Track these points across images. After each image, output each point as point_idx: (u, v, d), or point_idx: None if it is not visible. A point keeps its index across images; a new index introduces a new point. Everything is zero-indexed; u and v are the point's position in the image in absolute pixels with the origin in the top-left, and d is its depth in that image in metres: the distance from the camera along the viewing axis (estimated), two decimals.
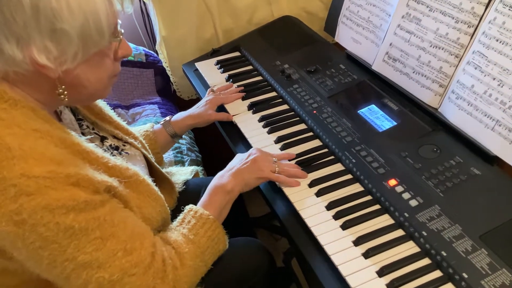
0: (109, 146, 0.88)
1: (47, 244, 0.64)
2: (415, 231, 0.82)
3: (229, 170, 0.97)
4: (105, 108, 0.94)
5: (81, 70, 0.70)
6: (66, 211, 0.64)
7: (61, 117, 0.82)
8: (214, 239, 0.86)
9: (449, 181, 0.89)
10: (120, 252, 0.70)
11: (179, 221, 0.88)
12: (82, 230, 0.66)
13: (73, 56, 0.66)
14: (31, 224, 0.62)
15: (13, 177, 0.61)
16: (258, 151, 1.00)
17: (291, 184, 0.97)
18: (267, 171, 0.96)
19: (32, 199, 0.61)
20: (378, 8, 1.23)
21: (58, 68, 0.66)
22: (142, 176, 0.82)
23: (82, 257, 0.66)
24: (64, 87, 0.71)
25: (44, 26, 0.62)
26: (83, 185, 0.66)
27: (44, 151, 0.64)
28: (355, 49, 1.31)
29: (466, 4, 0.99)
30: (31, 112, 0.68)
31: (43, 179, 0.62)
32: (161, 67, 1.78)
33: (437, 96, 1.06)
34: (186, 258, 0.80)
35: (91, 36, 0.66)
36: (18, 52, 0.63)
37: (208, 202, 0.91)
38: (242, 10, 1.59)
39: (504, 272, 0.73)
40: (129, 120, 1.67)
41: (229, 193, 0.93)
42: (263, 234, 1.80)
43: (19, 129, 0.64)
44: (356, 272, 0.79)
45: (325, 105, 1.17)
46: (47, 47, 0.64)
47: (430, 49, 1.07)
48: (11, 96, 0.66)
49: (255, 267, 0.99)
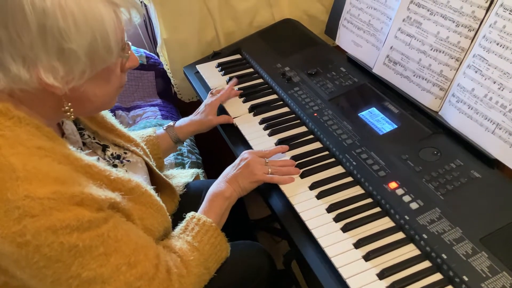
0: (110, 155, 0.88)
1: (51, 263, 0.63)
2: (416, 233, 0.82)
3: (224, 177, 0.98)
4: (107, 116, 0.93)
5: (88, 86, 0.69)
6: (70, 231, 0.63)
7: (63, 127, 0.81)
8: (217, 246, 0.87)
9: (449, 184, 0.89)
10: (124, 266, 0.69)
11: (182, 229, 0.88)
12: (86, 248, 0.65)
13: (81, 74, 0.66)
14: (35, 245, 0.61)
15: (17, 199, 0.59)
16: (250, 154, 1.01)
17: (285, 182, 0.98)
18: (260, 174, 0.97)
19: (36, 220, 0.60)
20: (379, 11, 1.23)
21: (65, 87, 0.65)
22: (144, 187, 0.81)
23: (87, 273, 0.65)
24: (71, 104, 0.70)
25: (51, 46, 0.62)
26: (87, 204, 0.65)
27: (48, 170, 0.63)
28: (356, 52, 1.32)
29: (466, 8, 1.00)
30: (35, 129, 0.67)
31: (47, 200, 0.61)
32: (162, 69, 1.78)
33: (437, 99, 1.06)
34: (192, 265, 0.81)
35: (99, 53, 0.66)
36: (25, 71, 0.62)
37: (208, 209, 0.92)
38: (243, 13, 1.60)
39: (505, 275, 0.73)
40: (129, 122, 1.68)
41: (228, 199, 0.94)
42: (263, 236, 1.80)
43: (23, 148, 0.63)
44: (357, 274, 0.79)
45: (325, 107, 1.17)
46: (54, 67, 0.63)
47: (430, 53, 1.07)
48: (15, 114, 0.65)
49: (256, 270, 0.99)
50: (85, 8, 0.62)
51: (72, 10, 0.61)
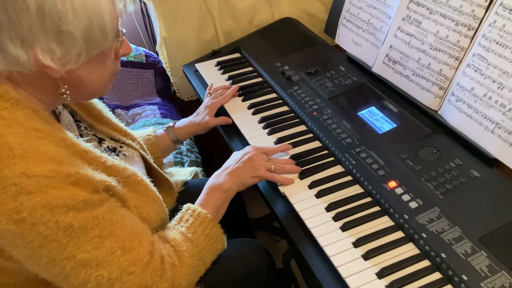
0: (106, 147, 0.89)
1: (46, 242, 0.64)
2: (415, 233, 0.82)
3: (225, 169, 0.98)
4: (104, 110, 0.94)
5: (84, 70, 0.71)
6: (65, 210, 0.64)
7: (60, 118, 0.82)
8: (212, 237, 0.87)
9: (448, 183, 0.89)
10: (119, 250, 0.70)
11: (177, 220, 0.88)
12: (81, 228, 0.66)
13: (77, 56, 0.67)
14: (30, 222, 0.62)
15: (14, 176, 0.61)
16: (253, 149, 1.00)
17: (286, 182, 0.98)
18: (262, 170, 0.97)
19: (32, 197, 0.62)
20: (379, 10, 1.23)
21: (62, 69, 0.67)
22: (140, 176, 0.82)
23: (81, 255, 0.67)
24: (67, 87, 0.71)
25: (49, 28, 0.63)
26: (83, 185, 0.67)
27: (45, 150, 0.65)
28: (355, 51, 1.32)
29: (466, 7, 0.99)
30: (32, 112, 0.68)
31: (43, 178, 0.62)
32: (161, 68, 1.78)
33: (437, 99, 1.06)
34: (184, 256, 0.81)
35: (95, 37, 0.67)
36: (23, 53, 0.64)
37: (205, 201, 0.92)
38: (243, 12, 1.59)
39: (504, 274, 0.73)
40: (128, 120, 1.67)
41: (226, 192, 0.94)
42: (262, 235, 1.80)
43: (21, 128, 0.65)
44: (356, 273, 0.79)
45: (325, 106, 1.17)
46: (51, 48, 0.64)
47: (430, 52, 1.07)
48: (13, 96, 0.66)
49: (255, 268, 0.99)
50: None
51: None
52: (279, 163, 1.00)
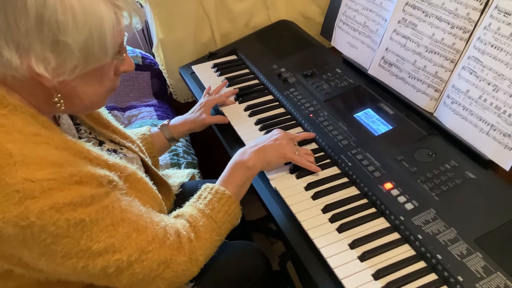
0: (106, 150, 0.88)
1: (58, 239, 0.64)
2: (411, 234, 0.83)
3: (252, 147, 0.98)
4: (103, 113, 0.94)
5: (79, 83, 0.69)
6: (74, 207, 0.64)
7: (59, 121, 0.81)
8: (230, 214, 0.87)
9: (444, 185, 0.90)
10: (134, 233, 0.71)
11: (196, 198, 0.89)
12: (93, 221, 0.66)
13: (72, 69, 0.65)
14: (40, 225, 0.61)
15: (16, 183, 0.60)
16: (282, 132, 1.02)
17: (312, 168, 1.00)
18: (290, 152, 0.98)
19: (38, 201, 0.61)
20: (374, 13, 1.24)
21: (55, 79, 0.65)
22: (140, 174, 0.83)
23: (97, 245, 0.67)
24: (60, 96, 0.70)
25: (47, 36, 0.62)
26: (87, 181, 0.66)
27: (45, 154, 0.64)
28: (352, 54, 1.32)
29: (461, 10, 1.00)
30: (31, 117, 0.67)
31: (46, 182, 0.61)
32: (158, 69, 1.78)
33: (432, 101, 1.07)
34: (201, 231, 0.81)
35: (93, 52, 0.66)
36: (16, 58, 0.62)
37: (227, 178, 0.92)
38: (240, 14, 1.60)
39: (499, 275, 0.73)
40: (125, 122, 1.67)
41: (250, 169, 0.93)
42: (258, 237, 1.80)
43: (19, 135, 0.64)
44: (352, 275, 0.79)
45: (321, 108, 1.18)
46: (46, 57, 0.63)
47: (425, 54, 1.08)
48: (11, 102, 0.65)
49: (251, 270, 0.99)
50: (86, 4, 0.63)
51: (72, 4, 0.61)
52: (304, 153, 1.02)
